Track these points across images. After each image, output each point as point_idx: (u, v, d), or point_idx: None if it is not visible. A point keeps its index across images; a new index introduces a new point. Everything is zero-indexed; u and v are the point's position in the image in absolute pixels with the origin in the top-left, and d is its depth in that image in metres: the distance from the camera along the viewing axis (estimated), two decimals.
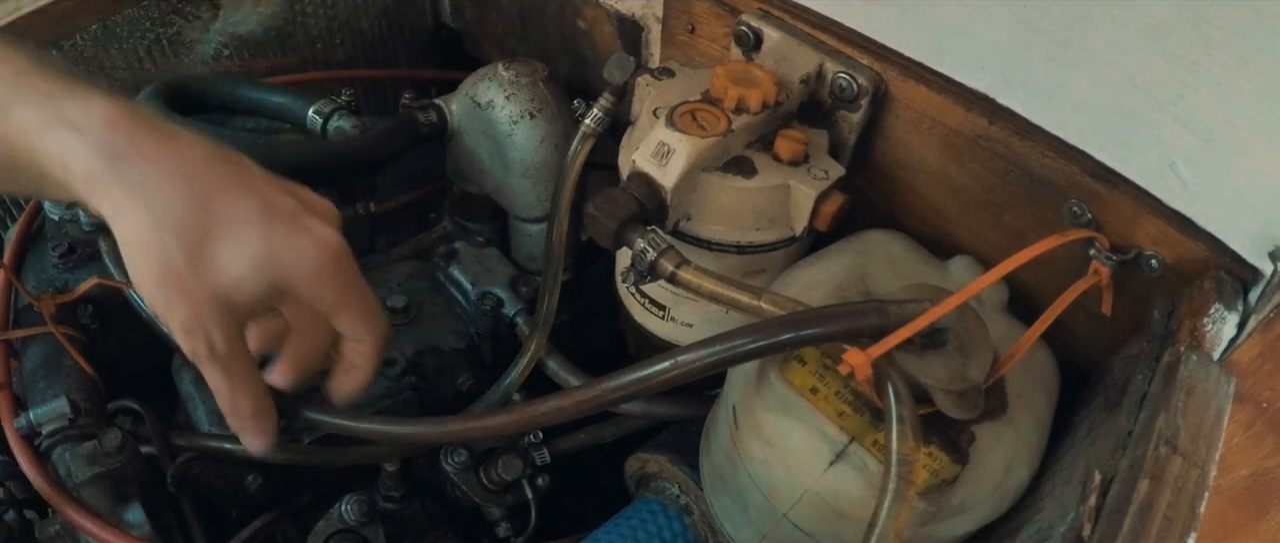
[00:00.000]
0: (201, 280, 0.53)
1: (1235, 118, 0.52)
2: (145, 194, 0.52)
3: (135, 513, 0.65)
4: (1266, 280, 0.53)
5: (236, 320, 0.55)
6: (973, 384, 0.51)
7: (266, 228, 0.54)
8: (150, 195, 0.52)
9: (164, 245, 0.52)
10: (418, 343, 0.81)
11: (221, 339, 0.54)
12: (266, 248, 0.54)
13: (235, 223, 0.54)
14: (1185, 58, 0.52)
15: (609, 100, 0.68)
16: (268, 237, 0.54)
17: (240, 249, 0.53)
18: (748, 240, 0.66)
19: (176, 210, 0.52)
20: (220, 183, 0.54)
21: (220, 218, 0.53)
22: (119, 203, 0.52)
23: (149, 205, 0.52)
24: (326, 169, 0.81)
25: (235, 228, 0.54)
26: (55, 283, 0.78)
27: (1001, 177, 0.64)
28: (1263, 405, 0.62)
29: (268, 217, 0.55)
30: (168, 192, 0.52)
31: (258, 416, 0.59)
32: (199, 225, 0.53)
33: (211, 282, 0.53)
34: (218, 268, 0.53)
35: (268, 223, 0.55)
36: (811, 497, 0.56)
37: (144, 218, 0.52)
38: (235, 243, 0.53)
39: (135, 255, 0.52)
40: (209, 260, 0.53)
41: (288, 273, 0.55)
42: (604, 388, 0.55)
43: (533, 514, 0.76)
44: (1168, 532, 0.44)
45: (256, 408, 0.59)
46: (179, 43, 0.94)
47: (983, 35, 0.61)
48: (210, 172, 0.54)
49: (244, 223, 0.54)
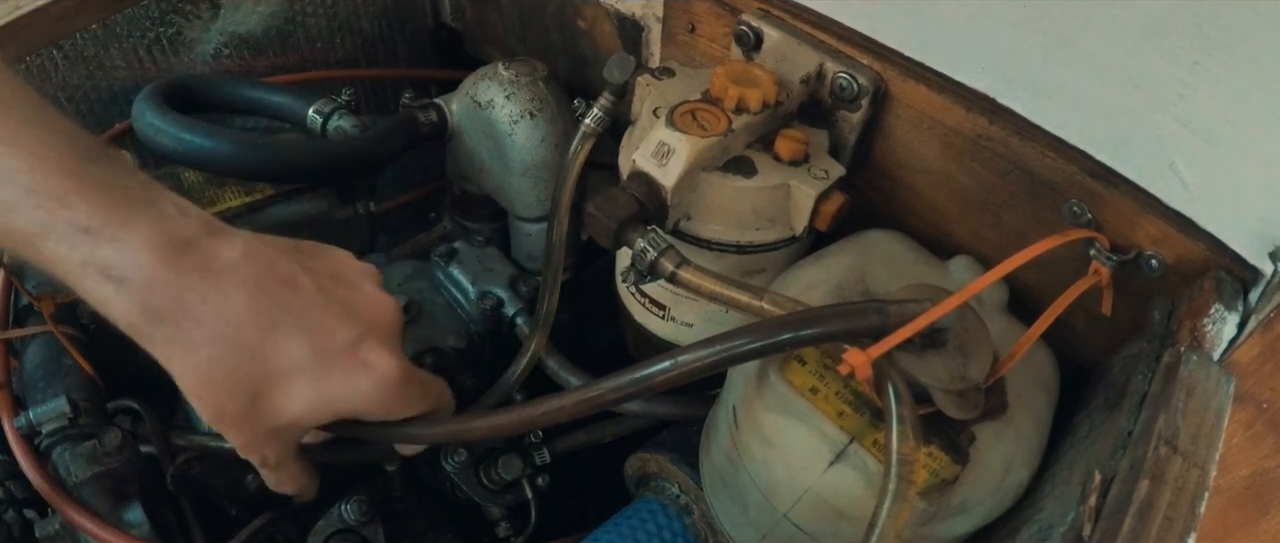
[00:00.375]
0: (260, 421, 0.53)
1: (1235, 118, 0.51)
2: (192, 351, 0.50)
3: (135, 513, 0.65)
4: (1267, 281, 0.53)
5: (297, 439, 0.58)
6: (973, 384, 0.51)
7: (319, 373, 0.53)
8: (198, 356, 0.50)
9: (217, 398, 0.51)
10: (418, 343, 0.81)
11: (277, 456, 0.57)
12: (322, 396, 0.53)
13: (287, 374, 0.52)
14: (1185, 57, 0.52)
15: (609, 100, 0.68)
16: (321, 385, 0.53)
17: (295, 399, 0.53)
18: (748, 240, 0.66)
19: (225, 368, 0.50)
20: (267, 330, 0.51)
21: (270, 371, 0.51)
22: (167, 355, 0.50)
23: (197, 364, 0.50)
24: (326, 169, 0.81)
25: (287, 379, 0.52)
26: (55, 282, 0.78)
27: (1001, 176, 0.64)
28: (1263, 406, 0.62)
29: (319, 359, 0.52)
30: (215, 349, 0.50)
31: (305, 493, 0.63)
32: (248, 381, 0.51)
33: (272, 420, 0.53)
34: (274, 413, 0.53)
35: (320, 367, 0.52)
36: (811, 497, 0.56)
37: (193, 375, 0.51)
38: (289, 393, 0.52)
39: (192, 397, 0.52)
40: (264, 409, 0.52)
41: (348, 410, 0.55)
42: (604, 388, 0.55)
43: (533, 514, 0.76)
44: (1168, 532, 0.44)
45: (304, 489, 0.62)
46: (179, 42, 0.94)
47: (983, 35, 0.61)
48: (255, 318, 0.51)
49: (297, 372, 0.52)
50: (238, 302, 0.50)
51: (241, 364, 0.51)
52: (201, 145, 0.75)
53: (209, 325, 0.50)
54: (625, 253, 0.63)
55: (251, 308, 0.51)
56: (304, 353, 0.52)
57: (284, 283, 0.53)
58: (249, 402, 0.52)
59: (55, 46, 0.85)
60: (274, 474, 0.60)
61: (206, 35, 0.96)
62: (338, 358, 0.53)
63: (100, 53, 0.89)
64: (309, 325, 0.52)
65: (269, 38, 1.00)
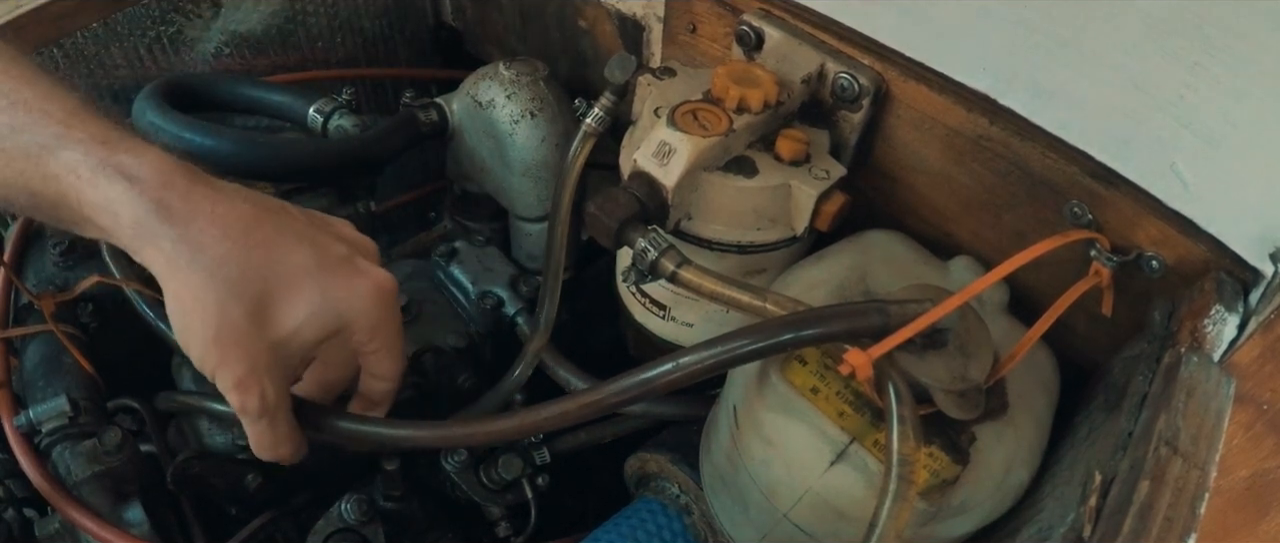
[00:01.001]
0: (261, 336, 0.53)
1: (1236, 118, 0.52)
2: (200, 251, 0.51)
3: (135, 512, 0.65)
4: (1267, 282, 0.53)
5: (290, 371, 0.56)
6: (973, 385, 0.51)
7: (323, 277, 0.54)
8: (205, 252, 0.51)
9: (222, 303, 0.51)
10: (418, 342, 0.81)
11: (273, 392, 0.54)
12: (325, 297, 0.54)
13: (293, 276, 0.53)
14: (1186, 58, 0.52)
15: (610, 100, 0.68)
16: (325, 286, 0.54)
17: (300, 302, 0.53)
18: (748, 240, 0.66)
19: (233, 267, 0.51)
20: (274, 235, 0.54)
21: (278, 272, 0.53)
22: (172, 258, 0.51)
23: (204, 262, 0.51)
24: (327, 168, 0.81)
25: (293, 281, 0.53)
26: (55, 281, 0.78)
27: (1002, 177, 0.64)
28: (1263, 407, 0.62)
29: (323, 265, 0.55)
30: (224, 248, 0.51)
31: (294, 455, 0.61)
32: (257, 281, 0.52)
33: (272, 336, 0.53)
34: (278, 322, 0.53)
35: (324, 272, 0.55)
36: (812, 497, 0.56)
37: (199, 276, 0.51)
38: (294, 296, 0.53)
39: (189, 313, 0.51)
40: (269, 315, 0.53)
41: (346, 318, 0.56)
42: (607, 391, 0.55)
43: (533, 514, 0.76)
44: (1168, 533, 0.44)
45: (294, 451, 0.60)
46: (180, 41, 0.94)
47: (983, 35, 0.61)
48: (262, 225, 0.54)
49: (302, 274, 0.54)
50: (246, 211, 0.53)
51: (251, 264, 0.52)
52: (202, 144, 0.75)
53: (220, 226, 0.52)
54: (626, 253, 0.63)
55: (258, 218, 0.54)
56: (308, 258, 0.54)
57: (279, 209, 0.56)
58: (255, 307, 0.52)
59: (56, 45, 0.85)
60: (266, 426, 0.56)
61: (207, 34, 0.96)
62: (338, 265, 0.56)
63: (101, 51, 0.89)
64: (310, 239, 0.55)
65: (269, 37, 1.00)
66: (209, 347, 0.52)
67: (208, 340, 0.52)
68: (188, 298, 0.51)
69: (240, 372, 0.53)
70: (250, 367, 0.53)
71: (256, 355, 0.53)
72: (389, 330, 0.59)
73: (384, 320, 0.58)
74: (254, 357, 0.53)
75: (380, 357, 0.60)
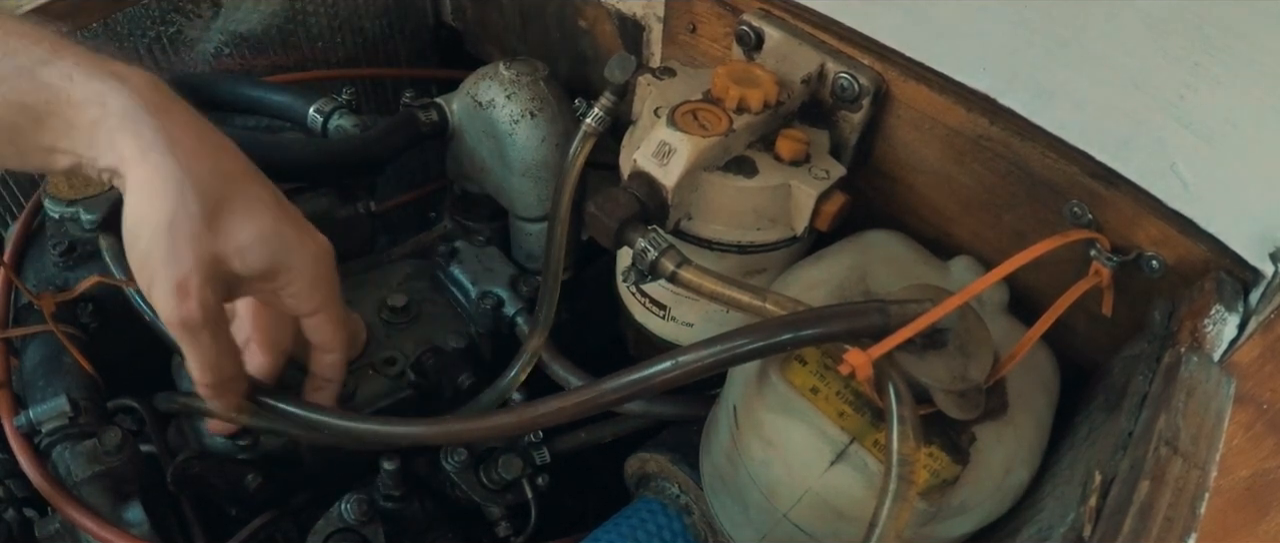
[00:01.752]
0: (210, 237, 0.54)
1: (1236, 118, 0.51)
2: (176, 145, 0.54)
3: (135, 512, 0.65)
4: (1267, 282, 0.53)
5: (227, 287, 0.57)
6: (973, 385, 0.51)
7: (278, 214, 0.58)
8: (180, 147, 0.54)
9: (183, 194, 0.53)
10: (418, 342, 0.81)
11: (213, 299, 0.55)
12: (276, 232, 0.57)
13: (252, 199, 0.57)
14: (1186, 57, 0.52)
15: (610, 100, 0.68)
16: (278, 222, 0.58)
17: (253, 222, 0.56)
18: (748, 240, 0.66)
19: (203, 167, 0.54)
20: (243, 167, 0.58)
21: (241, 189, 0.56)
22: (150, 143, 0.53)
23: (177, 155, 0.54)
24: (327, 168, 0.81)
25: (251, 203, 0.57)
26: (55, 281, 0.78)
27: (1002, 177, 0.64)
28: (1263, 407, 0.62)
29: (280, 207, 0.59)
30: (198, 150, 0.55)
31: (236, 380, 0.62)
32: (220, 188, 0.55)
33: (219, 242, 0.55)
34: (228, 232, 0.55)
35: (279, 211, 0.58)
36: (812, 497, 0.56)
37: (170, 165, 0.53)
38: (250, 215, 0.56)
39: (152, 197, 0.53)
40: (222, 221, 0.55)
41: (288, 261, 0.58)
42: (605, 389, 0.55)
43: (533, 514, 0.76)
44: (1168, 533, 0.44)
45: (236, 373, 0.61)
46: (180, 41, 0.94)
47: (983, 35, 0.61)
48: (234, 152, 0.58)
49: (260, 203, 0.57)
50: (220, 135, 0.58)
51: (219, 170, 0.55)
52: None
53: (197, 132, 0.56)
54: (625, 253, 0.62)
55: (231, 145, 0.58)
56: (269, 196, 0.58)
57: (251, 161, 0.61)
58: (212, 209, 0.54)
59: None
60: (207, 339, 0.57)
61: (207, 34, 0.96)
62: (292, 215, 0.59)
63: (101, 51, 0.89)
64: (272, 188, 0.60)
65: (270, 37, 1.00)
66: (159, 235, 0.53)
67: (160, 227, 0.53)
68: (156, 181, 0.53)
69: (182, 271, 0.54)
70: (193, 267, 0.54)
71: (200, 257, 0.54)
72: (328, 291, 0.62)
73: (323, 278, 0.61)
74: (198, 258, 0.54)
75: (321, 322, 0.63)
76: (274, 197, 0.59)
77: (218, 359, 0.59)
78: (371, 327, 0.81)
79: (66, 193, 0.78)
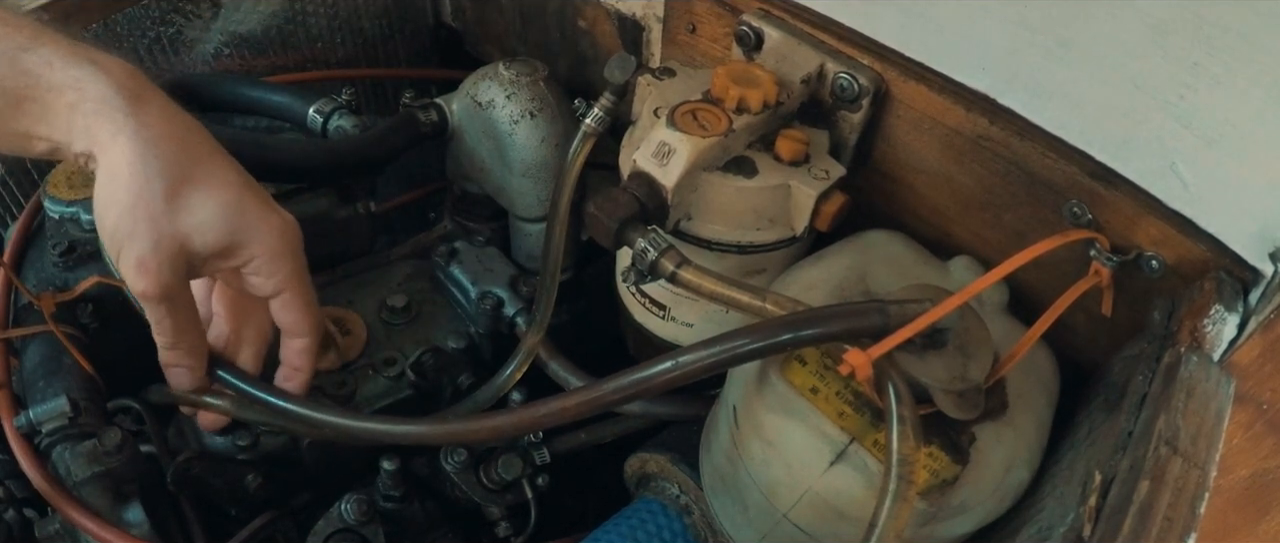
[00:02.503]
0: (170, 216, 0.56)
1: (1236, 118, 0.52)
2: (145, 127, 0.56)
3: (135, 512, 0.65)
4: (1267, 281, 0.53)
5: (188, 264, 0.59)
6: (973, 385, 0.51)
7: (241, 192, 0.59)
8: (150, 131, 0.56)
9: (148, 177, 0.55)
10: (418, 343, 0.81)
11: (172, 277, 0.58)
12: (238, 208, 0.59)
13: (215, 178, 0.59)
14: (1186, 57, 0.52)
15: (610, 100, 0.68)
16: (240, 199, 0.59)
17: (213, 200, 0.58)
18: (748, 240, 0.66)
19: (170, 150, 0.57)
20: (212, 151, 0.60)
21: (204, 169, 0.58)
22: (121, 128, 0.56)
23: (146, 136, 0.56)
24: (327, 168, 0.81)
25: (214, 181, 0.59)
26: (55, 281, 0.78)
27: (1002, 177, 0.64)
28: (1263, 406, 0.62)
29: (245, 186, 0.60)
30: (167, 133, 0.57)
31: (194, 353, 0.64)
32: (184, 168, 0.57)
33: (179, 221, 0.57)
34: (189, 209, 0.57)
35: (243, 189, 0.60)
36: (812, 497, 0.56)
37: (138, 146, 0.55)
38: (211, 194, 0.58)
39: (119, 180, 0.56)
40: (183, 199, 0.57)
41: (250, 236, 0.59)
42: (605, 389, 0.55)
43: (533, 514, 0.76)
44: (1168, 533, 0.44)
45: (195, 346, 0.63)
46: (180, 41, 0.94)
47: (983, 35, 0.61)
48: (205, 136, 0.60)
49: (223, 182, 0.59)
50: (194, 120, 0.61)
51: (184, 152, 0.58)
52: None
53: (168, 118, 0.58)
54: (625, 253, 0.62)
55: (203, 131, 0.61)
56: (234, 175, 0.60)
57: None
58: (173, 189, 0.56)
59: None
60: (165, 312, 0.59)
61: (207, 35, 0.96)
62: (257, 193, 0.61)
63: None
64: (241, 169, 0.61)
65: (269, 37, 1.00)
66: (124, 215, 0.56)
67: (125, 208, 0.56)
68: (122, 165, 0.56)
69: (143, 249, 0.56)
70: (154, 245, 0.56)
71: (160, 236, 0.56)
72: (292, 269, 0.62)
73: (286, 254, 0.61)
74: (158, 236, 0.56)
75: (288, 302, 0.63)
76: (239, 175, 0.60)
77: (176, 332, 0.61)
78: (371, 327, 0.81)
79: (66, 193, 0.78)
